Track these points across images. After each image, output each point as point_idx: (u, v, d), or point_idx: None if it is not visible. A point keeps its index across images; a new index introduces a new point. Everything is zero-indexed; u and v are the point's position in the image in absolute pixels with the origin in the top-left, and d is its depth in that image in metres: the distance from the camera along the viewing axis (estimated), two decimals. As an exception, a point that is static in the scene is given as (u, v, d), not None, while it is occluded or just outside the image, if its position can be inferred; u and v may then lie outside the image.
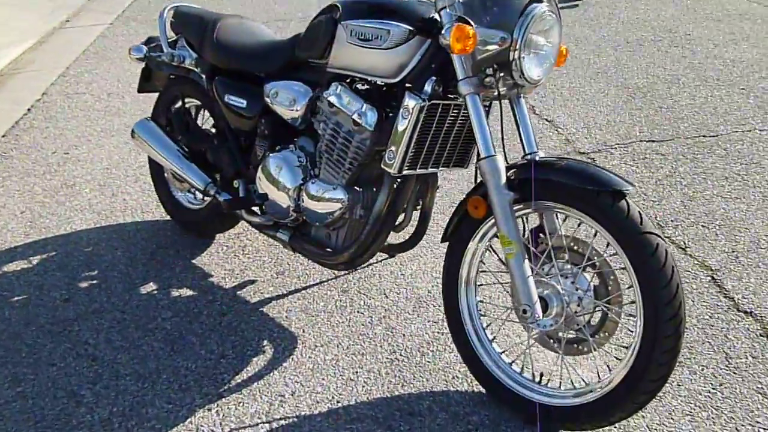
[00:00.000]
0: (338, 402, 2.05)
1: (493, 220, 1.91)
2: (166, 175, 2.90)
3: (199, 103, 2.76)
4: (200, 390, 2.10)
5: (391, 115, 2.01)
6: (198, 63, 2.60)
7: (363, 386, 2.11)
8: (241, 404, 2.05)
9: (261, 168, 2.34)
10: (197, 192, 2.69)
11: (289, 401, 2.06)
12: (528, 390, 1.97)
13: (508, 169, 1.85)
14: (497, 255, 2.04)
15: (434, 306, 2.46)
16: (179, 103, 2.75)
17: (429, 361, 2.21)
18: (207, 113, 2.78)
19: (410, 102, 1.90)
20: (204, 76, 2.58)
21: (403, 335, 2.33)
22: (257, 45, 2.46)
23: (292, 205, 2.27)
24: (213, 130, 2.71)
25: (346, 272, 2.61)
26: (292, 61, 2.29)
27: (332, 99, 2.09)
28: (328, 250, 2.24)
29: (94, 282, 2.64)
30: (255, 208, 2.46)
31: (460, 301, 2.05)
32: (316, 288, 2.58)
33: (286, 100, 2.26)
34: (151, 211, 3.12)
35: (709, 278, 2.55)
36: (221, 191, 2.54)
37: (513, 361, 2.04)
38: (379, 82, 2.05)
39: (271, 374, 2.17)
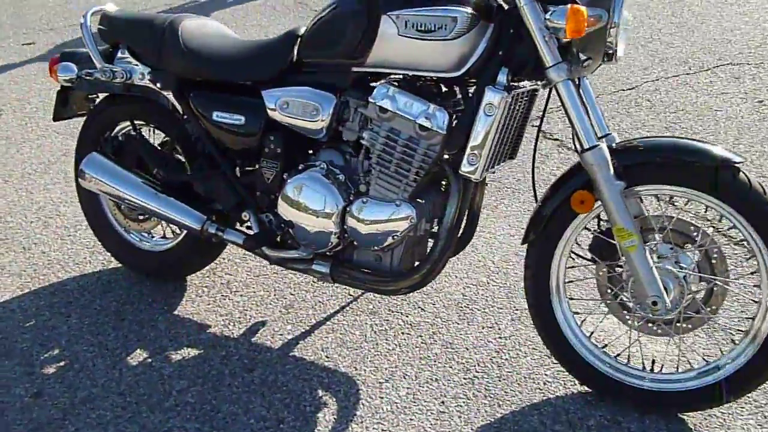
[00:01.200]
0: (443, 441, 1.81)
1: (587, 215, 1.77)
2: (110, 215, 2.39)
3: (144, 125, 2.28)
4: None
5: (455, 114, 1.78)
6: (156, 77, 2.13)
7: (459, 416, 1.87)
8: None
9: (283, 194, 1.98)
10: (191, 230, 2.19)
11: (388, 454, 1.77)
12: (637, 379, 1.86)
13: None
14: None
15: (479, 310, 2.26)
16: (127, 129, 2.26)
17: (510, 372, 2.01)
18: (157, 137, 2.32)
19: (494, 97, 1.67)
20: (166, 93, 2.13)
21: (467, 349, 2.10)
22: (240, 48, 2.06)
23: (335, 231, 1.93)
24: (179, 157, 2.26)
25: (374, 294, 2.28)
26: (292, 65, 1.95)
27: (385, 103, 1.78)
28: (385, 274, 1.94)
29: (62, 364, 2.10)
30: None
31: (555, 312, 1.88)
32: (340, 316, 2.26)
33: (304, 110, 1.91)
34: (87, 262, 2.57)
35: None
36: (225, 228, 2.13)
37: (618, 354, 1.92)
38: (430, 78, 1.79)
39: (350, 427, 1.85)
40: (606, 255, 1.83)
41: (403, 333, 2.17)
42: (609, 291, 1.86)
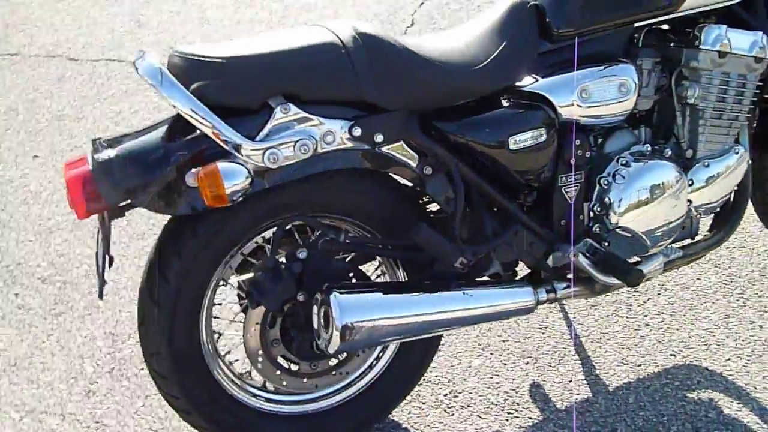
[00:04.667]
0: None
1: None
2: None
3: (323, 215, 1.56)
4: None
5: None
6: (373, 125, 1.44)
7: None
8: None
9: (612, 199, 1.65)
10: (522, 311, 1.67)
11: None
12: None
13: None
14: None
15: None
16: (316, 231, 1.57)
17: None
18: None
19: None
20: (382, 138, 1.45)
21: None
22: (459, 51, 1.55)
23: (684, 212, 1.72)
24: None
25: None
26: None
27: (722, 46, 1.66)
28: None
29: None
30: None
31: None
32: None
33: (611, 90, 1.60)
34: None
35: None
36: (552, 283, 1.71)
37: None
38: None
39: None
40: None
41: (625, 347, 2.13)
42: None
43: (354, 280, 1.57)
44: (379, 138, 1.45)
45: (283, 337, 1.58)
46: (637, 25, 1.68)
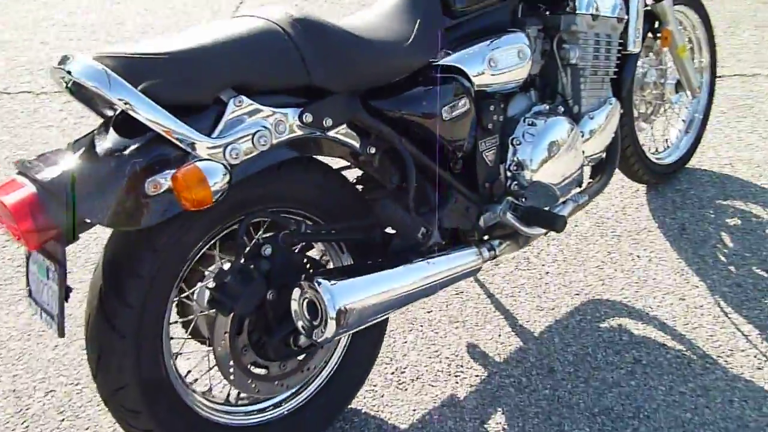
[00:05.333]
0: None
1: None
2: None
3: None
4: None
5: None
6: (324, 109, 1.43)
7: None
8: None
9: (524, 157, 1.79)
10: (473, 272, 1.77)
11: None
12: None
13: None
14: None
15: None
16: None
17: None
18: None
19: None
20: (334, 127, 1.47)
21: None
22: (384, 29, 1.58)
23: (580, 163, 1.94)
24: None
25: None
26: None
27: (594, 9, 1.90)
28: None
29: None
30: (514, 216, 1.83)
31: None
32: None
33: (512, 58, 1.75)
34: None
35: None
36: (492, 242, 1.82)
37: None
38: None
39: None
40: None
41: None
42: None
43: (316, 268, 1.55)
44: (329, 122, 1.44)
45: (252, 341, 1.52)
46: None
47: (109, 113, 1.36)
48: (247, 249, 1.44)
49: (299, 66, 1.38)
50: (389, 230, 1.62)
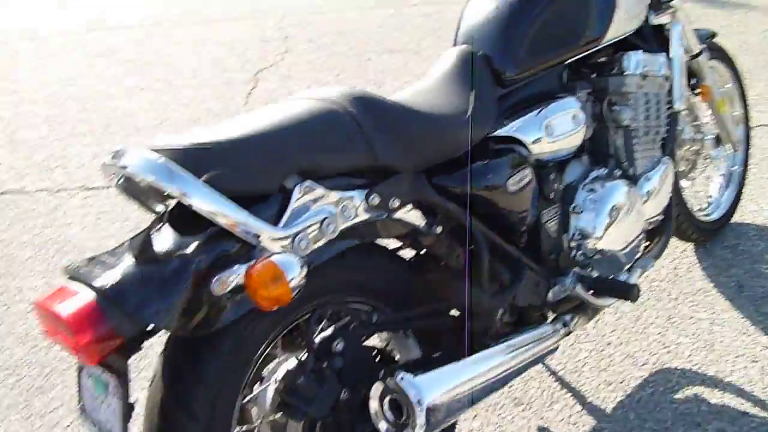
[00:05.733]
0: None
1: None
2: None
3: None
4: None
5: None
6: (389, 190, 1.35)
7: None
8: None
9: (587, 226, 1.72)
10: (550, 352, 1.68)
11: None
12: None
13: None
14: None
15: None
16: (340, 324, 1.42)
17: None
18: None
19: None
20: (398, 203, 1.37)
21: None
22: (437, 104, 1.52)
23: (641, 229, 1.86)
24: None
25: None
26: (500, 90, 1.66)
27: (642, 69, 1.86)
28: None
29: None
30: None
31: None
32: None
33: (566, 124, 1.69)
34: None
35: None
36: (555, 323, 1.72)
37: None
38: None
39: None
40: None
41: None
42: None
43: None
44: (395, 203, 1.36)
45: None
46: (569, 61, 1.79)
47: (160, 208, 1.28)
48: (316, 345, 1.33)
49: (364, 145, 1.31)
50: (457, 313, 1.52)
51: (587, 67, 1.88)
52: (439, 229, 1.46)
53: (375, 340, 1.60)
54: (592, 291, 1.71)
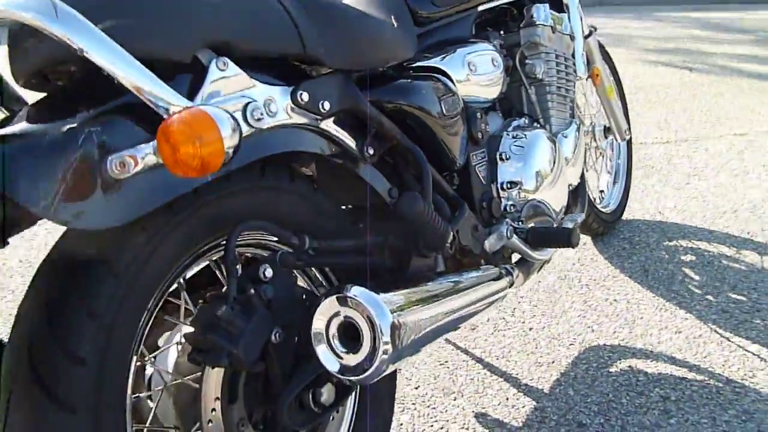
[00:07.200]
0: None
1: None
2: None
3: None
4: None
5: None
6: (323, 86, 1.14)
7: None
8: None
9: (515, 176, 1.60)
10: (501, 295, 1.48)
11: None
12: None
13: None
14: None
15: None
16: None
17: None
18: None
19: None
20: (329, 106, 1.14)
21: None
22: (372, 18, 1.31)
23: (567, 184, 1.75)
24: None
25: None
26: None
27: (550, 22, 1.78)
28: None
29: None
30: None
31: None
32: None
33: (486, 66, 1.57)
34: None
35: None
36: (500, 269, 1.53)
37: None
38: None
39: None
40: None
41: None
42: None
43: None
44: (326, 105, 1.14)
45: (250, 410, 1.09)
46: (481, 8, 1.70)
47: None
48: (239, 273, 1.05)
49: (289, 29, 1.10)
50: (400, 251, 1.29)
51: (497, 25, 1.81)
52: (371, 151, 1.25)
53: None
54: (528, 243, 1.56)
